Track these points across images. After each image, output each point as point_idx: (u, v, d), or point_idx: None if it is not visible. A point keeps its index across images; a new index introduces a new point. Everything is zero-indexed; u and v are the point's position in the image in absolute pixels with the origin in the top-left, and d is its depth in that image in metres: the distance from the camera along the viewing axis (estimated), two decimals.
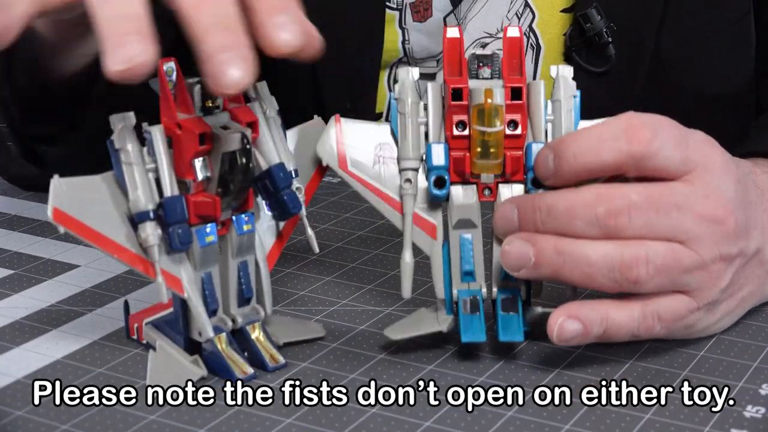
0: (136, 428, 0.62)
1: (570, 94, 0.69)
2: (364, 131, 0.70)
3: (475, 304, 0.69)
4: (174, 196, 0.64)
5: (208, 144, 0.64)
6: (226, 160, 0.64)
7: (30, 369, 0.68)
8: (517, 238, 0.66)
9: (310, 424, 0.62)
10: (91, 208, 0.64)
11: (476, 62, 0.69)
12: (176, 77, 0.64)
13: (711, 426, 0.62)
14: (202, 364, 0.67)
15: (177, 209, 0.64)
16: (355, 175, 0.70)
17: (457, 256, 0.70)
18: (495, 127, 0.66)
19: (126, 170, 0.64)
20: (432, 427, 0.62)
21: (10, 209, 0.94)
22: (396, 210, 0.70)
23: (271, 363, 0.68)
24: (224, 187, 0.64)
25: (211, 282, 0.67)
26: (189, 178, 0.64)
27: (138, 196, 0.64)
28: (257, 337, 0.68)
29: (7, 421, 0.62)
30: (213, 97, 0.65)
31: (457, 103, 0.67)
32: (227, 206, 0.66)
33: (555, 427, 0.62)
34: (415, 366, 0.68)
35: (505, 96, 0.67)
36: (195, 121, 0.64)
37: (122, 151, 0.64)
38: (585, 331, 0.66)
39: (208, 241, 0.66)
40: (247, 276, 0.68)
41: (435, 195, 0.68)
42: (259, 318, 0.69)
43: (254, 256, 0.68)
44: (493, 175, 0.68)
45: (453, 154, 0.68)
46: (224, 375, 0.67)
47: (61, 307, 0.76)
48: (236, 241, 0.67)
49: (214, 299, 0.67)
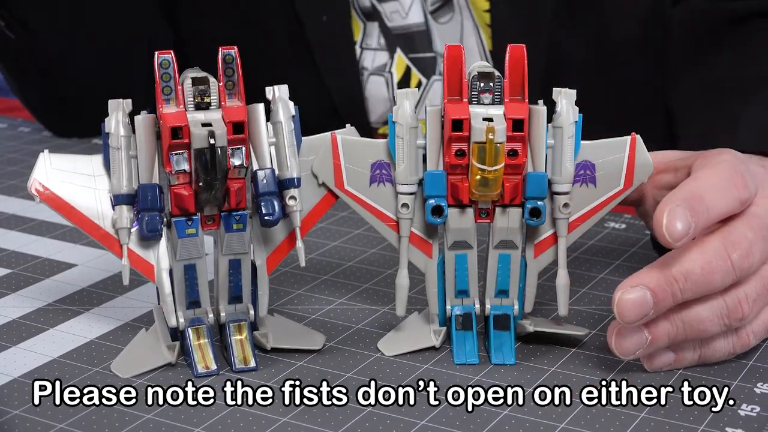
0: (133, 427, 0.62)
1: (572, 121, 0.67)
2: (361, 149, 0.69)
3: (468, 320, 0.69)
4: (148, 184, 0.66)
5: (186, 138, 0.64)
6: (196, 156, 0.64)
7: (27, 368, 0.68)
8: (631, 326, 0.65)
9: (306, 423, 0.62)
10: (72, 184, 0.67)
11: (479, 84, 0.67)
12: (172, 70, 0.65)
13: (706, 425, 0.62)
14: (176, 352, 0.68)
15: (148, 197, 0.66)
16: (351, 193, 0.69)
17: (451, 274, 0.70)
18: (496, 166, 0.66)
19: (112, 154, 0.66)
20: (427, 426, 0.62)
21: (7, 208, 0.94)
22: (392, 230, 0.70)
23: (241, 364, 0.68)
24: (200, 183, 0.65)
25: (194, 274, 0.67)
26: (167, 170, 0.65)
27: (117, 180, 0.66)
28: (241, 337, 0.68)
29: (4, 420, 0.62)
30: (205, 92, 0.65)
31: (457, 134, 0.66)
32: (208, 201, 0.66)
33: (550, 425, 0.62)
34: (411, 365, 0.69)
35: (507, 127, 0.66)
36: (176, 114, 0.65)
37: (111, 136, 0.66)
38: (677, 358, 0.67)
39: (188, 233, 0.66)
40: (237, 274, 0.68)
41: (433, 222, 0.68)
42: (246, 318, 0.69)
43: (250, 256, 0.69)
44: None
45: (451, 179, 0.67)
46: (190, 366, 0.67)
47: (58, 306, 0.76)
48: (225, 238, 0.67)
49: (194, 291, 0.68)
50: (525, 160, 0.67)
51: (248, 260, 0.68)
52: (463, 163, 0.67)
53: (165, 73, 0.65)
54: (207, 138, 0.63)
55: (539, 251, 0.70)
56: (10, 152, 1.09)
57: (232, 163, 0.65)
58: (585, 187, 0.69)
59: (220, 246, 0.68)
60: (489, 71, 0.67)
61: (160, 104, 0.65)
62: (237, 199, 0.66)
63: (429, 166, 0.68)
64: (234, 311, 0.69)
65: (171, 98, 0.65)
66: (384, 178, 0.69)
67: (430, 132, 0.68)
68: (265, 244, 0.69)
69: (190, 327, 0.68)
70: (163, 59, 0.65)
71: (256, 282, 0.69)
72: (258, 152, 0.67)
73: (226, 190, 0.66)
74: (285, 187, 0.67)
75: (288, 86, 0.68)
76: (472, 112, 0.66)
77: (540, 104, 0.67)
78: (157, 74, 0.65)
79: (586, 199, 0.69)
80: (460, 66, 0.67)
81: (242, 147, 0.65)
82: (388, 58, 1.06)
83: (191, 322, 0.68)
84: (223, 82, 0.66)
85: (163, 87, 0.65)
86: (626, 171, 0.69)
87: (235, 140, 0.65)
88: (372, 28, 1.05)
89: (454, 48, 0.67)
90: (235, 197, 0.66)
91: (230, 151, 0.65)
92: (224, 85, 0.66)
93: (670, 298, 0.64)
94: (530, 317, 0.71)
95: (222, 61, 0.66)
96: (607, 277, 0.81)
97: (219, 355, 0.69)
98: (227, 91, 0.66)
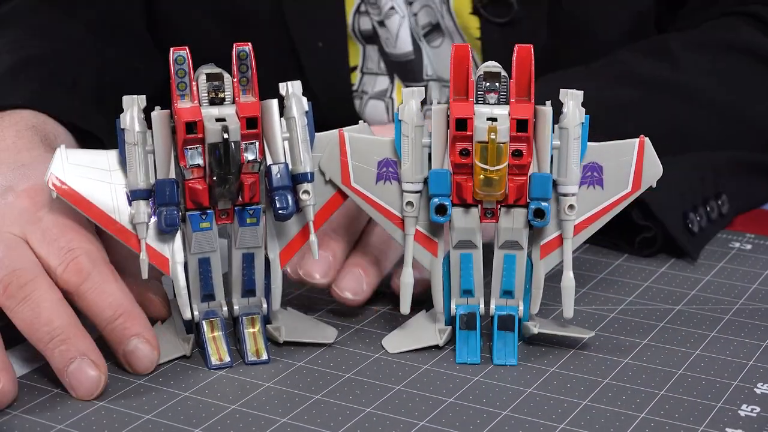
0: (132, 428, 0.62)
1: (578, 122, 0.67)
2: (368, 147, 0.69)
3: (473, 320, 0.69)
4: (166, 179, 0.67)
5: (200, 133, 0.65)
6: (210, 151, 0.65)
7: (26, 369, 0.68)
8: None
9: (306, 424, 0.62)
10: (90, 179, 0.68)
11: (484, 84, 0.67)
12: (187, 66, 0.66)
13: (706, 425, 0.62)
14: (190, 344, 0.69)
15: (165, 192, 0.67)
16: (357, 191, 0.70)
17: (456, 274, 0.70)
18: (498, 166, 0.66)
19: (128, 150, 0.67)
20: (427, 427, 0.62)
21: None
22: (398, 227, 0.70)
23: (253, 357, 0.68)
24: (214, 177, 0.66)
25: (209, 268, 0.68)
26: (182, 164, 0.66)
27: (134, 175, 0.67)
28: (254, 330, 0.69)
29: (4, 421, 0.62)
30: (219, 87, 0.66)
31: (461, 133, 0.66)
32: (222, 196, 0.66)
33: (550, 426, 0.62)
34: (411, 365, 0.69)
35: (511, 128, 0.66)
36: (191, 109, 0.66)
37: (127, 132, 0.67)
38: None
39: (203, 227, 0.67)
40: (251, 268, 0.69)
41: (437, 221, 0.68)
42: (259, 311, 0.69)
43: (263, 250, 0.69)
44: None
45: (456, 178, 0.68)
46: (204, 358, 0.68)
47: None
48: (238, 232, 0.68)
49: (209, 284, 0.69)
50: (530, 161, 0.67)
51: (262, 254, 0.69)
52: (467, 163, 0.67)
53: (180, 69, 0.66)
54: (221, 133, 0.65)
55: (546, 252, 0.70)
56: None
57: (246, 158, 0.66)
58: (592, 189, 0.69)
59: (234, 240, 0.68)
60: (495, 71, 0.67)
61: (175, 100, 0.66)
62: (251, 194, 0.67)
63: (434, 165, 0.68)
64: (247, 304, 0.70)
65: (186, 94, 0.66)
66: (390, 175, 0.69)
67: (436, 131, 0.68)
68: (279, 238, 0.70)
69: (204, 320, 0.69)
70: (178, 55, 0.66)
71: (269, 276, 0.70)
72: (272, 147, 0.68)
73: (240, 185, 0.67)
74: (298, 181, 0.68)
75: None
76: (476, 111, 0.66)
77: (546, 105, 0.67)
78: (172, 70, 0.66)
79: (593, 201, 0.69)
80: (467, 65, 0.67)
81: (256, 142, 0.66)
82: (388, 83, 1.06)
83: (205, 315, 0.69)
84: (237, 78, 0.67)
85: (178, 83, 0.66)
86: (634, 174, 0.69)
87: (248, 135, 0.66)
88: (372, 52, 1.05)
89: (461, 47, 0.68)
90: (249, 192, 0.67)
91: (244, 146, 0.66)
92: (238, 81, 0.67)
93: None
94: (536, 318, 0.71)
95: (236, 57, 0.67)
96: (607, 277, 0.81)
97: (232, 347, 0.70)
98: (241, 87, 0.67)
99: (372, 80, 1.06)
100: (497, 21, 1.00)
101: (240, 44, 0.67)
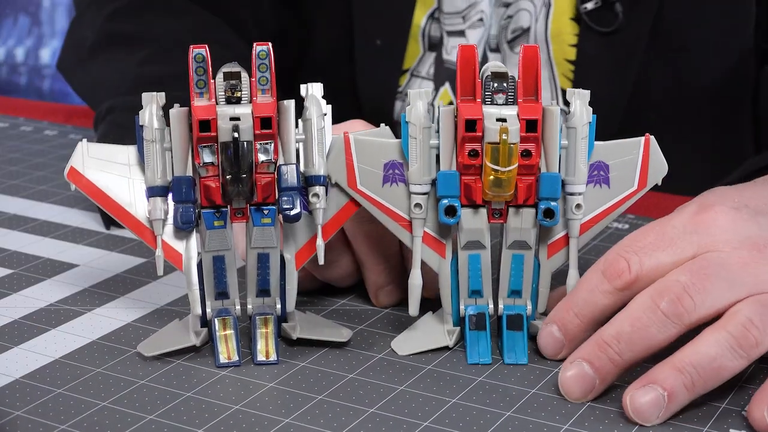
0: (135, 428, 0.62)
1: (586, 122, 0.67)
2: (374, 149, 0.69)
3: (482, 320, 0.69)
4: (182, 176, 0.67)
5: (214, 131, 0.65)
6: (222, 149, 0.65)
7: (29, 369, 0.68)
8: (642, 387, 0.62)
9: (309, 424, 0.62)
10: (108, 173, 0.69)
11: (492, 85, 0.67)
12: (206, 64, 0.66)
13: (709, 426, 0.62)
14: (201, 336, 0.69)
15: (182, 189, 0.67)
16: (364, 193, 0.69)
17: (465, 274, 0.70)
18: (509, 167, 0.66)
19: (146, 146, 0.67)
20: (430, 427, 0.62)
21: (9, 208, 0.94)
22: (406, 229, 0.69)
23: (262, 357, 0.68)
24: (228, 176, 0.66)
25: (223, 266, 0.69)
26: (197, 162, 0.66)
27: (152, 172, 0.68)
28: (266, 331, 0.69)
29: (6, 421, 0.62)
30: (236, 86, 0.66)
31: (470, 134, 0.66)
32: (236, 194, 0.67)
33: (554, 427, 0.62)
34: (414, 366, 0.68)
35: (521, 128, 0.66)
36: (206, 108, 0.66)
37: (145, 128, 0.67)
38: None
39: (217, 225, 0.67)
40: (266, 268, 0.69)
41: (446, 222, 0.68)
42: (273, 312, 0.69)
43: (278, 250, 0.69)
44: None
45: (464, 179, 0.67)
46: (214, 355, 0.69)
47: (60, 306, 0.76)
48: (253, 231, 0.68)
49: (222, 282, 0.69)
50: (538, 161, 0.67)
51: (277, 254, 0.69)
52: (476, 164, 0.67)
53: (199, 67, 0.66)
54: (231, 132, 0.64)
55: (552, 252, 0.70)
56: (12, 152, 1.09)
57: (260, 158, 0.66)
58: (598, 187, 0.69)
59: (249, 239, 0.69)
60: (502, 71, 0.67)
61: (193, 97, 0.66)
62: (265, 194, 0.67)
63: (442, 167, 0.68)
64: (262, 304, 0.70)
65: (204, 92, 0.67)
66: (397, 178, 0.69)
67: (444, 132, 0.68)
68: (295, 239, 0.70)
69: (216, 317, 0.69)
70: (197, 53, 0.66)
71: (284, 276, 0.70)
72: (285, 148, 0.68)
73: (254, 184, 0.67)
74: (310, 183, 0.68)
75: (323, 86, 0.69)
76: (485, 112, 0.66)
77: (553, 104, 0.67)
78: (191, 68, 0.66)
79: (600, 199, 0.70)
80: (474, 66, 0.67)
81: (271, 142, 0.66)
82: (433, 89, 1.05)
83: (218, 313, 0.69)
84: (255, 77, 0.67)
85: (197, 80, 0.66)
86: (640, 172, 0.69)
87: (263, 135, 0.66)
88: (428, 57, 1.05)
89: (467, 48, 0.68)
90: (263, 191, 0.67)
91: (258, 146, 0.66)
92: (257, 81, 0.67)
93: (609, 364, 0.64)
94: (543, 317, 0.71)
95: (255, 56, 0.67)
96: None
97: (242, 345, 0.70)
98: (260, 86, 0.67)
99: (418, 83, 1.06)
100: (599, 30, 1.00)
101: (260, 44, 0.67)
